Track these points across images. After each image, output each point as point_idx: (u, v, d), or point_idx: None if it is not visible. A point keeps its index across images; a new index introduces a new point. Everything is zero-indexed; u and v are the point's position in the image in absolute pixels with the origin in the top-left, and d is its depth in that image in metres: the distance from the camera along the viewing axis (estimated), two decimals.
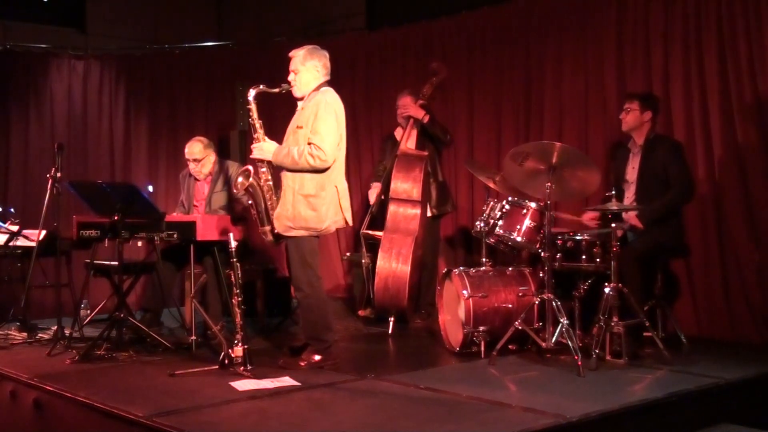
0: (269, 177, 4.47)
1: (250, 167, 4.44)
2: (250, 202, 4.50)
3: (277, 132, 4.68)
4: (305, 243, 4.34)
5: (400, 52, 7.28)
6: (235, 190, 4.55)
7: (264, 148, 4.42)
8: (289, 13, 8.23)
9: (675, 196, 4.77)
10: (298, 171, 4.30)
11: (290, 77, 4.46)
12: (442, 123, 6.17)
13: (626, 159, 5.08)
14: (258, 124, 4.47)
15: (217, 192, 5.62)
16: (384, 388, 3.94)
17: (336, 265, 7.51)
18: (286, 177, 4.36)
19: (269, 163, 4.45)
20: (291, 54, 4.46)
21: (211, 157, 5.69)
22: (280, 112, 6.41)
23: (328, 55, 4.48)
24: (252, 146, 4.48)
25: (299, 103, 4.48)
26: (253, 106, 4.47)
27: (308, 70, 4.40)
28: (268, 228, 4.46)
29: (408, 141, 5.95)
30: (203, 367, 4.30)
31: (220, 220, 5.24)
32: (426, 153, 5.85)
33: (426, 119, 5.90)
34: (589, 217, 5.13)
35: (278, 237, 4.43)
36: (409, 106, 5.94)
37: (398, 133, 6.13)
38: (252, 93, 4.47)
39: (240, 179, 4.42)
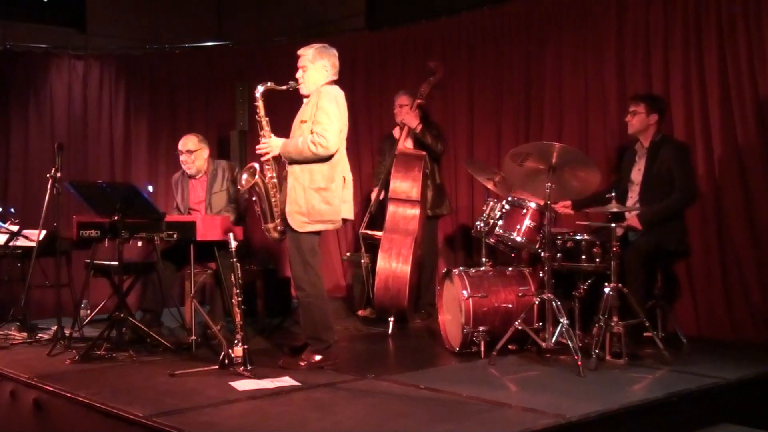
0: (274, 174, 4.45)
1: (256, 165, 4.41)
2: (254, 198, 4.49)
3: (280, 129, 4.66)
4: (305, 242, 4.32)
5: (400, 52, 7.28)
6: (239, 187, 4.54)
7: (272, 143, 4.41)
8: (289, 13, 8.23)
9: (676, 200, 4.76)
10: (303, 161, 4.28)
11: (298, 74, 4.44)
12: (439, 128, 6.10)
13: (632, 161, 5.07)
14: (264, 121, 4.45)
15: (216, 193, 5.61)
16: (384, 388, 3.94)
17: (336, 265, 7.51)
18: (294, 172, 4.33)
19: (275, 159, 4.43)
20: (300, 52, 4.43)
21: (204, 153, 5.68)
22: (282, 111, 6.41)
23: (337, 54, 4.46)
24: (260, 144, 4.44)
25: (305, 100, 4.47)
26: (260, 103, 4.45)
27: (317, 69, 4.39)
28: (271, 225, 4.46)
29: (406, 141, 5.94)
30: (203, 367, 4.30)
31: (220, 221, 5.23)
32: (424, 153, 5.83)
33: (419, 128, 5.84)
34: (561, 205, 5.09)
35: (282, 233, 4.42)
36: (406, 112, 5.90)
37: (397, 132, 6.12)
38: (260, 89, 4.45)
39: (245, 176, 4.41)
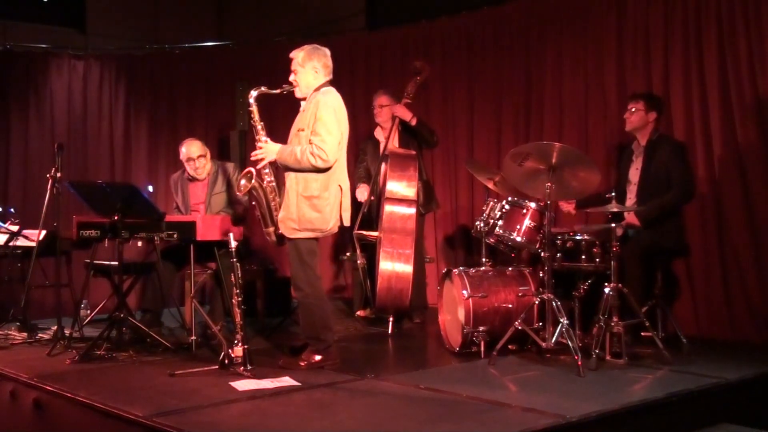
0: (272, 178, 4.44)
1: (252, 169, 4.40)
2: (253, 203, 4.49)
3: (277, 132, 4.65)
4: (303, 243, 4.33)
5: (400, 52, 7.28)
6: (237, 193, 4.54)
7: (268, 148, 4.39)
8: (289, 13, 8.24)
9: (673, 196, 4.77)
10: (301, 171, 4.29)
11: (291, 77, 4.43)
12: (428, 124, 6.10)
13: (629, 160, 5.08)
14: (260, 126, 4.43)
15: (217, 194, 5.60)
16: (384, 388, 3.94)
17: (335, 266, 7.51)
18: (290, 178, 4.34)
19: (272, 164, 4.42)
20: (291, 55, 4.43)
21: (209, 155, 5.69)
22: (280, 113, 6.42)
23: (329, 54, 4.44)
24: (255, 150, 4.43)
25: (302, 104, 4.46)
26: (254, 108, 4.44)
27: (308, 71, 4.37)
28: (272, 229, 4.45)
29: (393, 140, 5.88)
30: (203, 367, 4.30)
31: (220, 221, 5.24)
32: (414, 152, 5.81)
33: (414, 121, 5.80)
34: (566, 206, 5.13)
35: (281, 238, 4.42)
36: (396, 107, 5.84)
37: (378, 133, 6.08)
38: (253, 94, 4.44)
39: (242, 182, 4.41)
